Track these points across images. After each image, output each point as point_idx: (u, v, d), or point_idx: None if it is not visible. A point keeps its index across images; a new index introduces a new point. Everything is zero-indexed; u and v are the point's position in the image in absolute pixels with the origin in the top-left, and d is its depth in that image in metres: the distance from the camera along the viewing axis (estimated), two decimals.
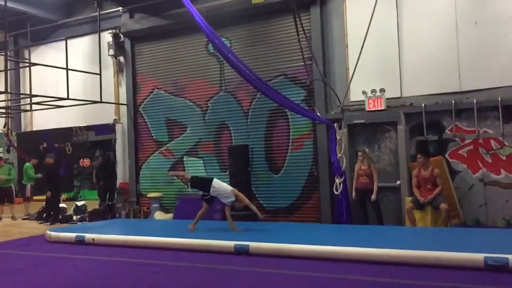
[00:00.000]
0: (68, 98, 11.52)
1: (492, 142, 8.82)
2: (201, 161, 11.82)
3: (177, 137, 12.18)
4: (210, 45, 10.99)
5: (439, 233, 7.59)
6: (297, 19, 9.41)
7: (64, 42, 11.86)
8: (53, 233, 8.66)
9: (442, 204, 8.07)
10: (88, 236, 8.16)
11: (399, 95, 9.55)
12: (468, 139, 8.99)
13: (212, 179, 8.25)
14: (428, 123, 9.20)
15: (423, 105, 9.17)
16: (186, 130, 12.06)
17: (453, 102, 8.96)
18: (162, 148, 12.37)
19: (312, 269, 5.80)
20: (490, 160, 8.85)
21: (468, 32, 9.03)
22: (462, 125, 9.04)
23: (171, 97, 12.25)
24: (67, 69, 11.57)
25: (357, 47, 9.38)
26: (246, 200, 8.07)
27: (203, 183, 8.33)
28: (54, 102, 12.33)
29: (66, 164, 13.77)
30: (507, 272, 5.22)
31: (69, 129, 13.78)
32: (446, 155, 9.12)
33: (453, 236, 7.13)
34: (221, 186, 8.11)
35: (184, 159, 12.04)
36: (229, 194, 7.99)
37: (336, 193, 9.15)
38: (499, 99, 8.55)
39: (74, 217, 12.23)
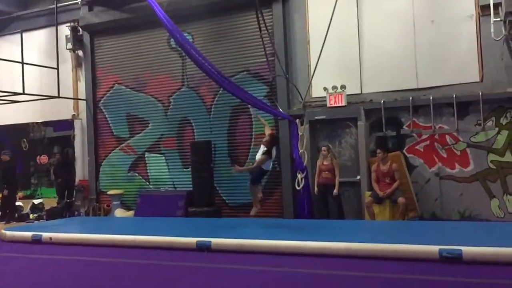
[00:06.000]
0: (23, 93, 11.18)
1: (447, 138, 9.11)
2: (163, 158, 11.69)
3: (138, 133, 11.99)
4: (172, 40, 10.85)
5: (396, 226, 7.80)
6: (260, 15, 9.42)
7: (19, 35, 11.50)
8: (9, 232, 8.37)
9: (400, 198, 8.30)
10: (45, 235, 7.93)
11: (359, 92, 9.72)
12: (424, 135, 9.25)
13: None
14: (387, 119, 9.41)
15: (382, 101, 9.37)
16: (147, 126, 11.88)
17: (411, 98, 9.19)
18: (123, 144, 12.15)
19: (274, 264, 5.85)
20: (445, 155, 9.14)
21: (425, 30, 9.27)
22: (419, 121, 9.30)
23: (132, 92, 12.04)
24: (22, 63, 11.22)
25: (318, 44, 9.49)
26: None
27: None
28: (8, 97, 11.92)
29: (22, 161, 13.35)
30: (460, 263, 5.41)
31: (26, 125, 13.33)
32: (404, 150, 9.35)
33: (410, 229, 7.34)
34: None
35: (146, 155, 11.87)
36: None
37: (298, 188, 9.25)
38: (454, 96, 8.84)
39: (31, 216, 11.91)
